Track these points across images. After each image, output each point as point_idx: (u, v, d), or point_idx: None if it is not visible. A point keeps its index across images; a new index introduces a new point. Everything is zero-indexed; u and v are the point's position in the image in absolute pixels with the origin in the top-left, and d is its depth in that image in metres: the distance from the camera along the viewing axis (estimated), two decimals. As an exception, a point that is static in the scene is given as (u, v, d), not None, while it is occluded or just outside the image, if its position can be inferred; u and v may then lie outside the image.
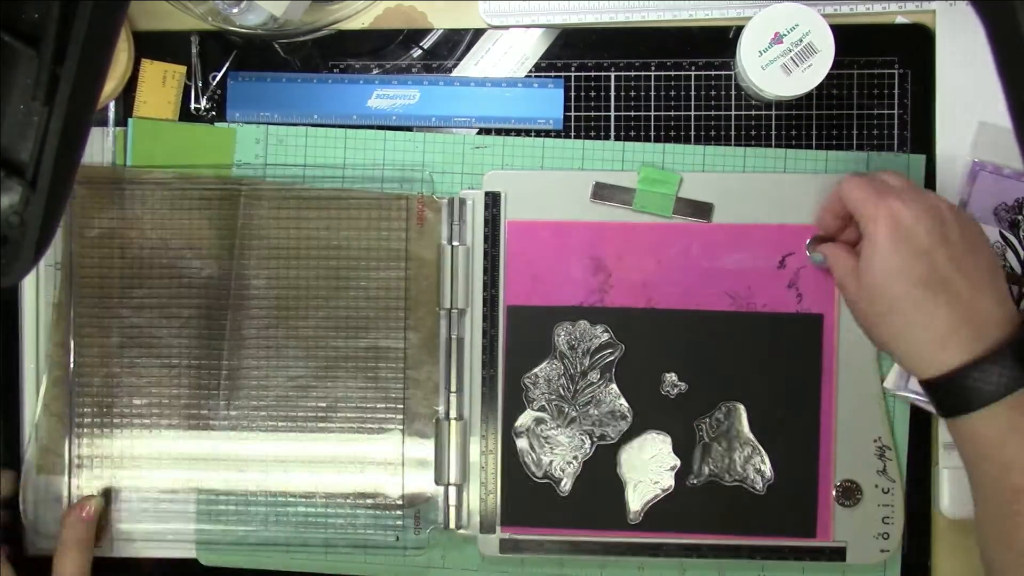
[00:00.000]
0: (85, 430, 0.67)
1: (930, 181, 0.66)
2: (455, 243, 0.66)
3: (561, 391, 0.66)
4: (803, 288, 0.65)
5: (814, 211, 0.64)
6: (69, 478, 0.67)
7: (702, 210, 0.65)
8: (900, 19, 0.66)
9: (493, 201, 0.66)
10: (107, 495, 0.67)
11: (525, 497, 0.66)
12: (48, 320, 0.68)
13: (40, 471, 0.68)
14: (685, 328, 0.66)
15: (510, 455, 0.66)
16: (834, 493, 0.65)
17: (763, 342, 0.65)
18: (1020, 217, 0.64)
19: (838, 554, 0.65)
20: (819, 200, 0.64)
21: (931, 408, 0.64)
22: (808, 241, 0.64)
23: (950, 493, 0.65)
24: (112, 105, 0.67)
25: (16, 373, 0.68)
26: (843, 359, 0.65)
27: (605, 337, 0.66)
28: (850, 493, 0.65)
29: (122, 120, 0.67)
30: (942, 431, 0.65)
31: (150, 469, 0.67)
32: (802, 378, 0.65)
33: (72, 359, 0.67)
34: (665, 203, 0.65)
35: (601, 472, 0.66)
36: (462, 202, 0.67)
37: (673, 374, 0.66)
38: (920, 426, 0.65)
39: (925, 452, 0.65)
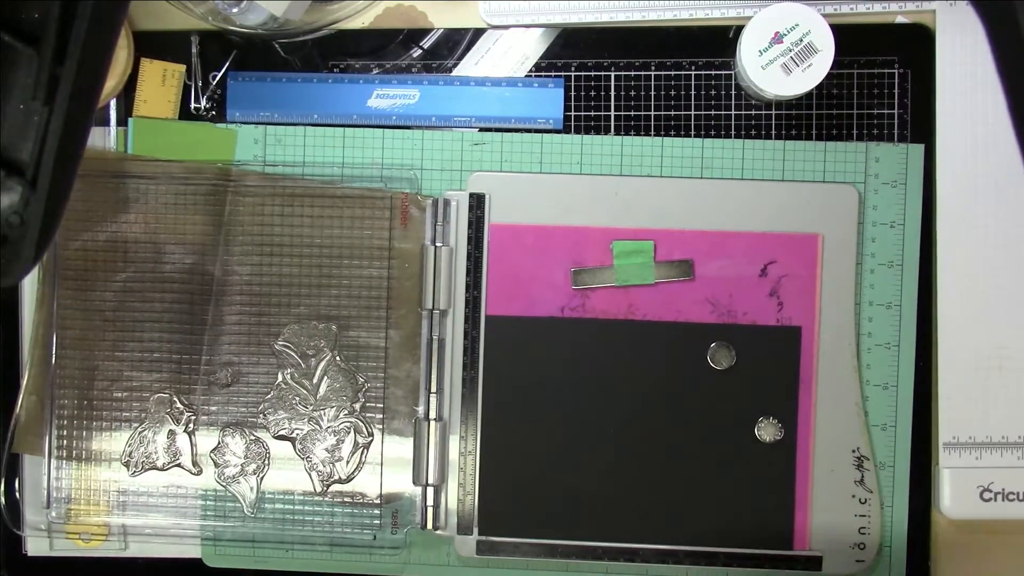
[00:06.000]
0: (66, 412, 0.67)
1: (930, 181, 0.66)
2: (438, 244, 0.66)
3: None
4: (784, 297, 0.65)
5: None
6: (49, 459, 0.67)
7: (683, 269, 0.65)
8: (900, 19, 0.66)
9: (477, 203, 0.66)
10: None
11: (503, 507, 0.66)
12: (48, 320, 0.68)
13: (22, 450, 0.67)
14: (664, 340, 0.65)
15: (488, 463, 0.66)
16: (811, 503, 0.65)
17: (743, 354, 0.65)
18: None
19: (814, 563, 0.65)
20: (800, 208, 0.64)
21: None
22: None
23: (950, 493, 0.65)
24: (113, 104, 0.67)
25: (16, 373, 0.68)
26: (822, 370, 0.65)
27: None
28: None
29: (123, 119, 0.68)
30: (942, 431, 0.65)
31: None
32: (780, 389, 0.65)
33: (55, 340, 0.67)
34: (645, 272, 0.65)
35: (581, 484, 0.66)
36: (446, 203, 0.66)
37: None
38: (921, 426, 0.65)
39: (925, 452, 0.65)
